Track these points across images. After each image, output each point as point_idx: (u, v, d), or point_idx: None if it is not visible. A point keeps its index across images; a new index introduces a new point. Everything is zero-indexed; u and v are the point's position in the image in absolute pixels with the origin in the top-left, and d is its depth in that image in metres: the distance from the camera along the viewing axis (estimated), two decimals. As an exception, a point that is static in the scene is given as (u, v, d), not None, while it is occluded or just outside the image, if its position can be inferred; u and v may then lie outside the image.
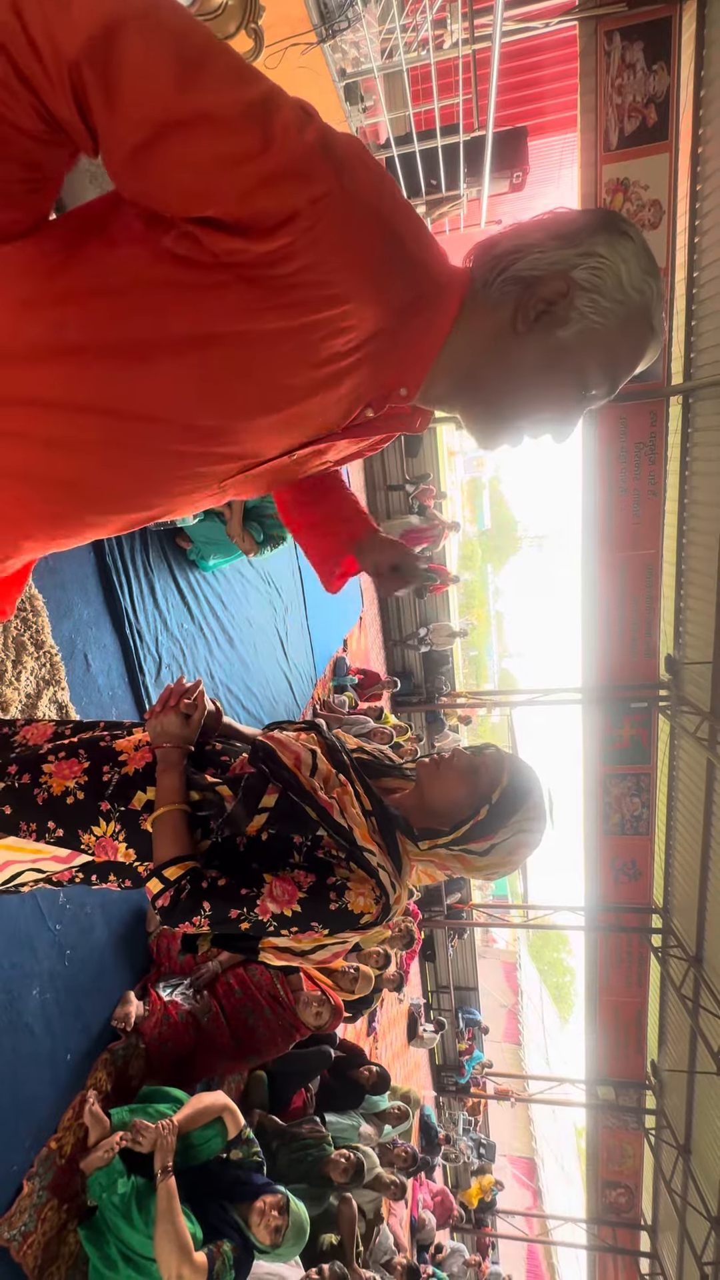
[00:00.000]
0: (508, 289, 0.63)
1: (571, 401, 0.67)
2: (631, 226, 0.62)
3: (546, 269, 0.61)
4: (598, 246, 0.60)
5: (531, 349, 0.63)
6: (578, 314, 0.61)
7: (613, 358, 0.64)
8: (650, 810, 6.67)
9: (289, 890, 0.87)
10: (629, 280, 0.61)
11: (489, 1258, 9.18)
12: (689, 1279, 6.94)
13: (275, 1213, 1.97)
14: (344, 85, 3.74)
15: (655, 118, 4.50)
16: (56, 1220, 1.78)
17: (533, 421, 0.69)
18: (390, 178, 0.58)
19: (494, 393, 0.67)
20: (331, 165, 0.50)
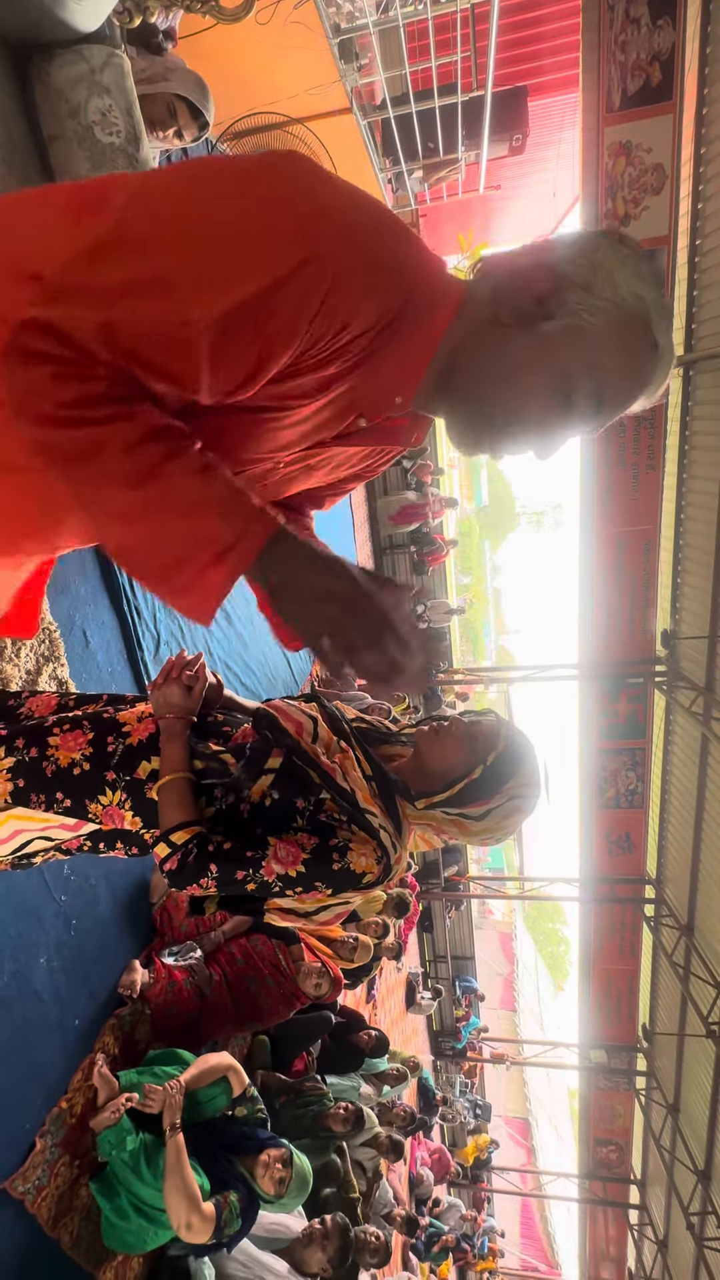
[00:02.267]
0: (499, 287, 0.63)
1: (553, 409, 0.63)
2: (632, 241, 0.61)
3: (538, 266, 0.61)
4: (593, 250, 0.60)
5: (514, 343, 0.61)
6: (567, 310, 0.59)
7: (600, 365, 0.60)
8: (645, 784, 6.76)
9: (293, 852, 0.89)
10: (624, 283, 0.59)
11: (484, 1211, 9.56)
12: (675, 1228, 7.24)
13: (279, 1165, 2.05)
14: (338, 42, 3.61)
15: (660, 76, 4.36)
16: (68, 1175, 1.85)
17: (513, 427, 0.65)
18: (364, 204, 0.59)
19: (473, 387, 0.65)
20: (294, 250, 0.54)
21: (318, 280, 0.54)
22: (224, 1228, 1.86)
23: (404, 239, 0.61)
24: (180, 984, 2.33)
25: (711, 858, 5.80)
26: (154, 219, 0.55)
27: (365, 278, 0.57)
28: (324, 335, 0.57)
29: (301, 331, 0.56)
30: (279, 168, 0.57)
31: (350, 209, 0.57)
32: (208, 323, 0.53)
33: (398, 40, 3.81)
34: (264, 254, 0.53)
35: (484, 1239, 7.70)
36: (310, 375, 0.61)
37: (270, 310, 0.54)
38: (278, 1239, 2.38)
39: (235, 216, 0.54)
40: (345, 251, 0.55)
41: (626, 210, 4.77)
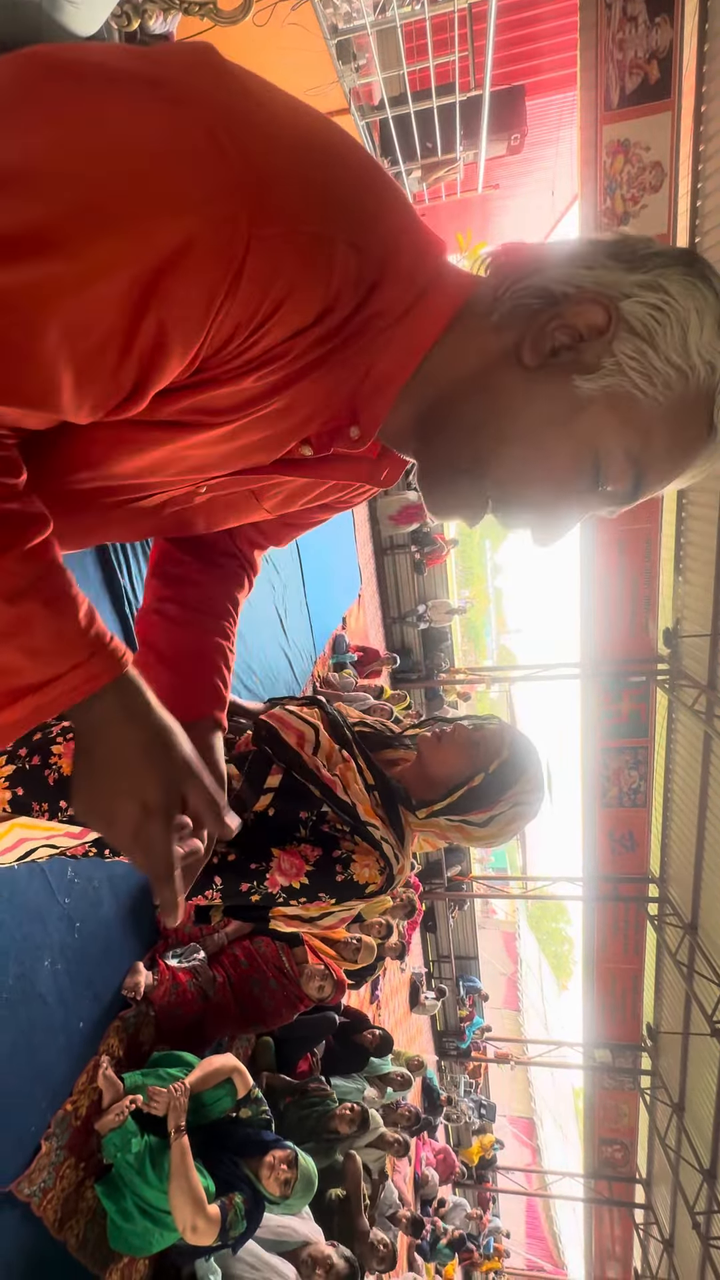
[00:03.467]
0: (524, 303, 0.44)
1: (569, 487, 0.47)
2: (717, 277, 0.43)
3: (587, 288, 0.42)
4: (668, 281, 0.42)
5: (535, 393, 0.44)
6: (614, 364, 0.42)
7: (646, 449, 0.44)
8: (647, 782, 6.75)
9: (296, 864, 0.89)
10: (699, 342, 0.41)
11: (489, 1211, 9.56)
12: (681, 1227, 7.23)
13: (284, 1166, 2.05)
14: (335, 43, 3.62)
15: (658, 74, 4.36)
16: (74, 1177, 1.86)
17: (515, 499, 0.48)
18: (313, 136, 0.40)
19: (464, 438, 0.47)
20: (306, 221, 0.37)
21: (226, 248, 0.35)
22: (229, 1229, 1.86)
23: (374, 191, 0.41)
24: (184, 986, 2.33)
25: (715, 855, 5.80)
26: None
27: (306, 248, 0.37)
28: (237, 329, 0.38)
29: (202, 324, 0.37)
30: (178, 84, 0.35)
31: (291, 145, 0.37)
32: (63, 326, 0.35)
33: (395, 41, 3.81)
34: (147, 213, 0.34)
35: (489, 1239, 7.70)
36: (228, 386, 0.42)
37: (158, 295, 0.35)
38: (285, 1242, 2.38)
39: (115, 157, 0.34)
40: (278, 204, 0.36)
41: (625, 208, 4.77)
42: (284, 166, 0.36)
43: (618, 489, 0.47)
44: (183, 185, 0.34)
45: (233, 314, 0.38)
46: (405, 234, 0.44)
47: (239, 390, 0.43)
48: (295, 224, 0.37)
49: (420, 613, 9.14)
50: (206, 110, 0.35)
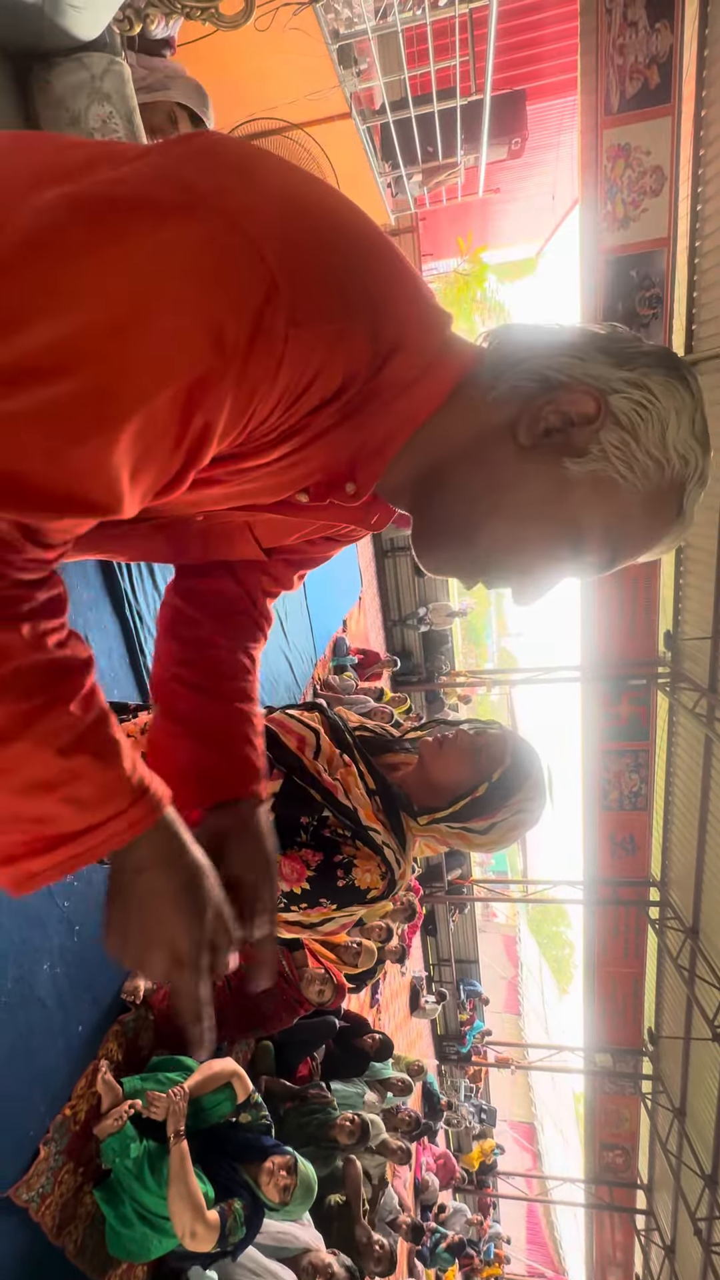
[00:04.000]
0: (522, 384, 0.48)
1: (553, 557, 0.51)
2: (696, 380, 0.48)
3: (580, 379, 0.47)
4: (652, 381, 0.46)
5: (528, 471, 0.48)
6: (600, 451, 0.47)
7: (623, 528, 0.49)
8: (648, 786, 6.74)
9: (297, 869, 0.89)
10: (675, 438, 0.47)
11: (490, 1217, 9.51)
12: (683, 1233, 7.20)
13: (284, 1172, 2.04)
14: (337, 48, 3.63)
15: (658, 79, 4.37)
16: (72, 1183, 1.85)
17: (500, 564, 0.53)
18: (345, 237, 0.43)
19: (459, 506, 0.51)
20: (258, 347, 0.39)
21: (266, 355, 0.39)
22: (228, 1236, 1.85)
23: (386, 270, 0.45)
24: (184, 990, 2.33)
25: (716, 859, 5.78)
26: (46, 298, 0.36)
27: (332, 340, 0.41)
28: (270, 413, 0.43)
29: (244, 415, 0.42)
30: (202, 201, 0.38)
31: (312, 243, 0.41)
32: (129, 437, 0.38)
33: (396, 45, 3.82)
34: (193, 331, 0.37)
35: (490, 1245, 7.66)
36: (253, 459, 0.47)
37: (208, 399, 0.39)
38: (285, 1248, 2.37)
39: (159, 286, 0.37)
40: (307, 308, 0.39)
41: (626, 212, 4.78)
42: (309, 267, 0.40)
43: (595, 561, 0.52)
44: (221, 304, 0.37)
45: (268, 402, 0.42)
46: (413, 306, 0.47)
47: (264, 458, 0.47)
48: (323, 322, 0.41)
49: (421, 615, 9.14)
50: (233, 225, 0.38)
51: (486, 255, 10.76)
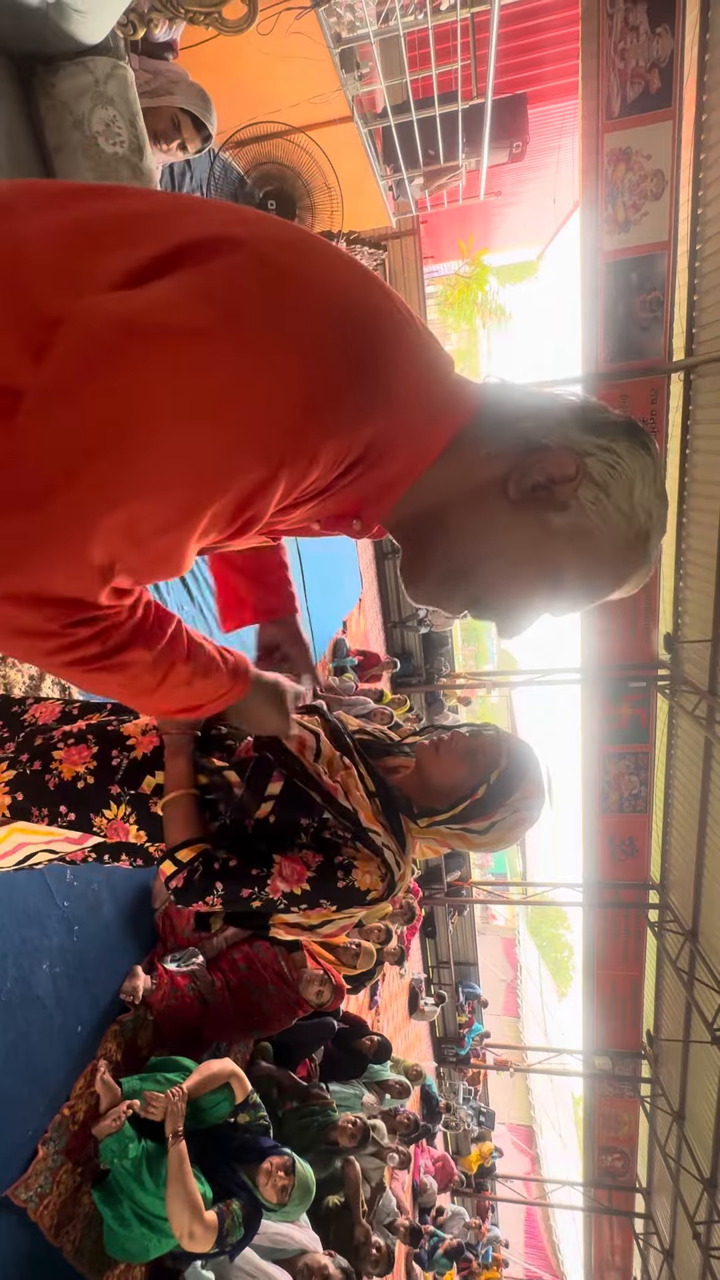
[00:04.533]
0: (512, 446, 0.56)
1: (536, 594, 0.60)
2: (654, 446, 0.57)
3: (560, 442, 0.55)
4: (618, 446, 0.55)
5: (516, 521, 0.56)
6: (578, 505, 0.55)
7: (596, 570, 0.58)
8: (648, 788, 6.74)
9: (298, 870, 0.89)
10: (639, 495, 0.55)
11: (488, 1220, 9.49)
12: (681, 1238, 7.18)
13: (282, 1173, 2.04)
14: (339, 52, 3.65)
15: (659, 84, 4.39)
16: (71, 1183, 1.85)
17: (487, 601, 0.61)
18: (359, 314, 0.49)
19: (455, 547, 0.59)
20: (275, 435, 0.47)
21: (304, 467, 0.49)
22: (226, 1236, 1.85)
23: (403, 344, 0.51)
24: (182, 990, 2.33)
25: (716, 862, 5.78)
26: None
27: (357, 427, 0.50)
28: (301, 494, 0.53)
29: (285, 499, 0.52)
30: (242, 327, 0.44)
31: (338, 343, 0.46)
32: (200, 532, 0.50)
33: (398, 49, 3.84)
34: (244, 457, 0.46)
35: (488, 1248, 7.64)
36: (280, 517, 0.58)
37: (255, 503, 0.50)
38: (282, 1250, 2.37)
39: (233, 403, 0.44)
40: (336, 419, 0.47)
41: (627, 216, 4.79)
42: (343, 379, 0.47)
43: (572, 599, 0.60)
44: (269, 429, 0.46)
45: (303, 488, 0.52)
46: (421, 367, 0.54)
47: (289, 516, 0.58)
48: (352, 427, 0.49)
49: (421, 617, 9.14)
50: (281, 349, 0.44)
51: (488, 258, 10.78)
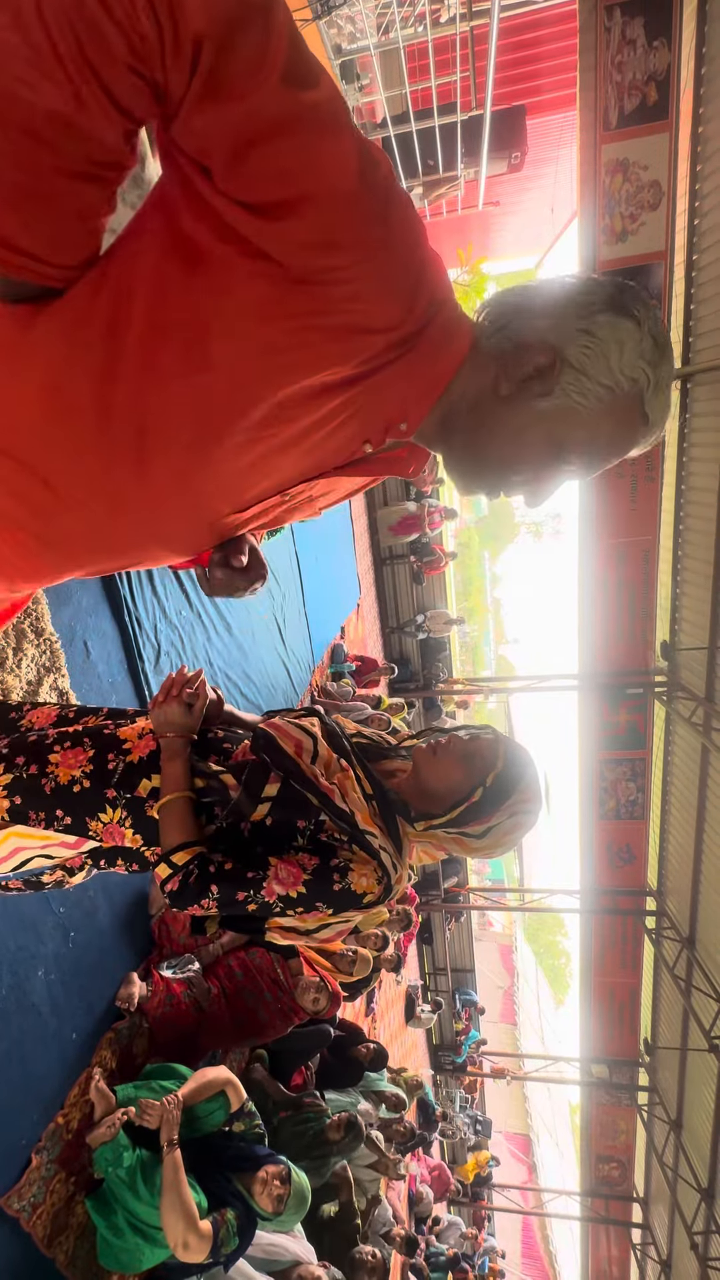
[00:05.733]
0: (502, 345, 0.62)
1: (546, 469, 0.66)
2: (642, 307, 0.60)
3: (538, 337, 0.60)
4: (597, 325, 0.59)
5: (512, 412, 0.62)
6: (560, 390, 0.60)
7: (593, 439, 0.63)
8: (645, 795, 6.73)
9: (294, 872, 0.89)
10: (621, 365, 0.59)
11: (485, 1230, 9.42)
12: (679, 1248, 7.13)
13: (277, 1182, 2.03)
14: (339, 63, 3.68)
15: (655, 96, 4.43)
16: (64, 1192, 1.83)
17: (508, 479, 0.68)
18: (411, 203, 0.56)
19: (471, 443, 0.66)
20: (395, 208, 0.51)
21: (376, 246, 0.52)
22: (221, 1246, 1.83)
23: (436, 256, 0.58)
24: (178, 997, 2.31)
25: (713, 869, 5.77)
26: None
27: (405, 278, 0.54)
28: (348, 273, 0.52)
29: (335, 238, 0.50)
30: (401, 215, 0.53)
31: (420, 227, 0.55)
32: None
33: (398, 61, 3.88)
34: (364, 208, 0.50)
35: (484, 1259, 7.58)
36: (339, 287, 0.54)
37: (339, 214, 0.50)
38: (276, 1261, 2.35)
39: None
40: (405, 243, 0.53)
41: (624, 226, 4.83)
42: (422, 241, 0.55)
43: (581, 466, 0.65)
44: (403, 257, 0.54)
45: (370, 323, 0.55)
46: (445, 279, 0.59)
47: (326, 382, 0.57)
48: (423, 274, 0.56)
49: (419, 623, 9.15)
50: (415, 223, 0.55)
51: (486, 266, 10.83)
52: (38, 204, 0.47)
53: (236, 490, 0.66)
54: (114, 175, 0.49)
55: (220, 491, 0.65)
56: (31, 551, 0.68)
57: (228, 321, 0.53)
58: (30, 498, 0.62)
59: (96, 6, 0.41)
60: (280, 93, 0.44)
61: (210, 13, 0.42)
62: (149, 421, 0.57)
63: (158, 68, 0.43)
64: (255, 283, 0.51)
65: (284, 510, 0.75)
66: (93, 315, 0.53)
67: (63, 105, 0.43)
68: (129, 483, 0.61)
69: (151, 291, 0.52)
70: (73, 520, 0.64)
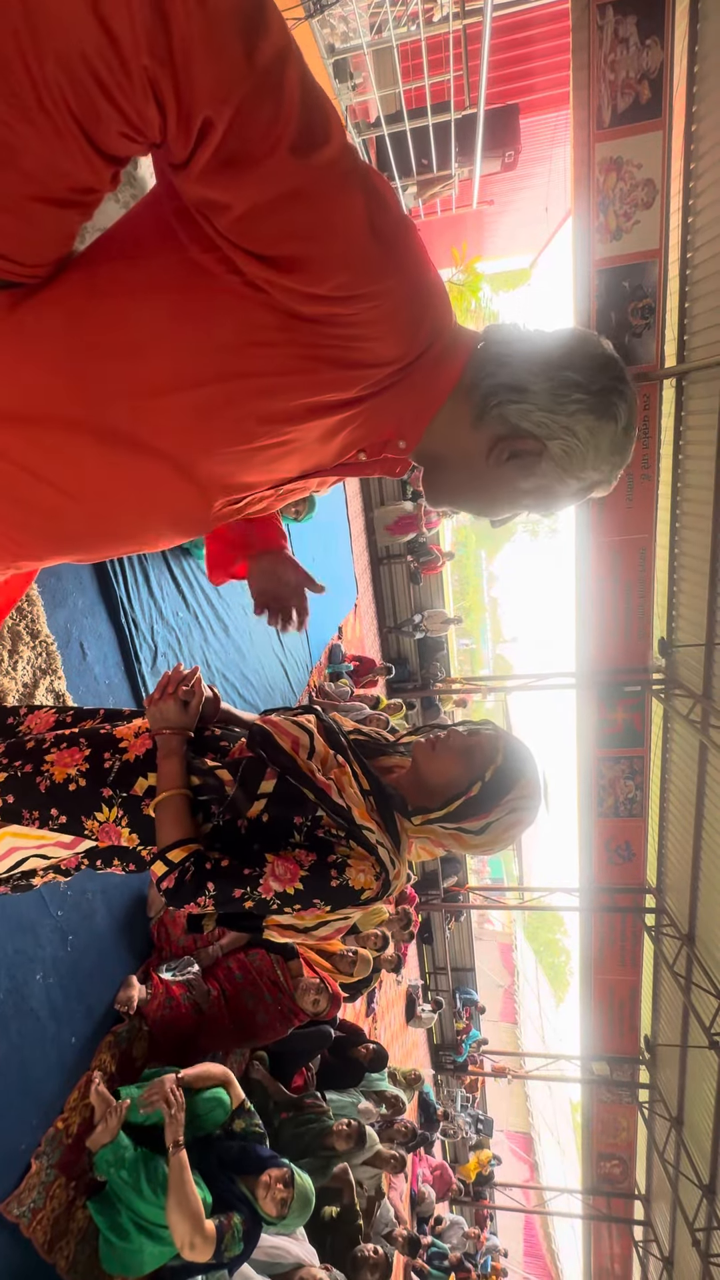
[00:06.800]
0: (494, 420, 0.67)
1: (506, 513, 0.79)
2: (624, 405, 0.66)
3: (531, 427, 0.66)
4: (579, 425, 0.65)
5: (493, 479, 0.71)
6: (540, 474, 0.69)
7: (552, 506, 0.75)
8: (644, 792, 6.74)
9: (291, 869, 0.88)
10: (591, 463, 0.68)
11: (487, 1229, 9.42)
12: (681, 1244, 7.14)
13: (280, 1185, 2.02)
14: (333, 62, 3.68)
15: (649, 94, 4.44)
16: (65, 1197, 1.82)
17: (473, 512, 0.80)
18: (412, 223, 0.55)
19: (451, 485, 0.76)
20: (401, 250, 0.52)
21: (413, 313, 0.56)
22: (224, 1250, 1.83)
23: (437, 281, 0.60)
24: (178, 1000, 2.31)
25: (712, 866, 5.78)
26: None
27: (422, 314, 0.57)
28: (353, 319, 0.54)
29: (339, 277, 0.51)
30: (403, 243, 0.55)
31: (425, 258, 0.58)
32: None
33: (391, 60, 3.88)
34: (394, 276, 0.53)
35: (487, 1258, 7.58)
36: (325, 369, 0.57)
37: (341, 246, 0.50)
38: (277, 1264, 2.34)
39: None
40: (427, 296, 0.57)
41: (618, 224, 4.83)
42: (427, 274, 0.57)
43: (539, 514, 0.77)
44: (417, 297, 0.57)
45: (351, 299, 0.54)
46: (444, 299, 0.61)
47: (327, 402, 0.60)
48: (426, 309, 0.58)
49: (416, 622, 9.15)
50: (421, 258, 0.56)
51: (481, 265, 10.85)
52: (11, 219, 0.46)
53: (231, 489, 0.67)
54: (96, 198, 0.48)
55: (216, 491, 0.66)
56: (30, 530, 0.69)
57: (227, 343, 0.53)
58: (27, 493, 0.62)
59: (93, 86, 0.38)
60: (289, 163, 0.44)
61: (221, 94, 0.39)
62: (144, 434, 0.57)
63: (156, 138, 0.42)
64: (258, 310, 0.51)
65: (276, 499, 0.79)
66: (85, 318, 0.53)
67: (45, 149, 0.41)
68: (122, 485, 0.62)
69: (149, 304, 0.52)
70: (68, 515, 0.66)
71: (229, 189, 0.44)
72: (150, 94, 0.39)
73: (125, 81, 0.38)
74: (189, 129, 0.41)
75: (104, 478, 0.61)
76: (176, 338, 0.53)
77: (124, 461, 0.60)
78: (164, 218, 0.52)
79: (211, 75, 0.39)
